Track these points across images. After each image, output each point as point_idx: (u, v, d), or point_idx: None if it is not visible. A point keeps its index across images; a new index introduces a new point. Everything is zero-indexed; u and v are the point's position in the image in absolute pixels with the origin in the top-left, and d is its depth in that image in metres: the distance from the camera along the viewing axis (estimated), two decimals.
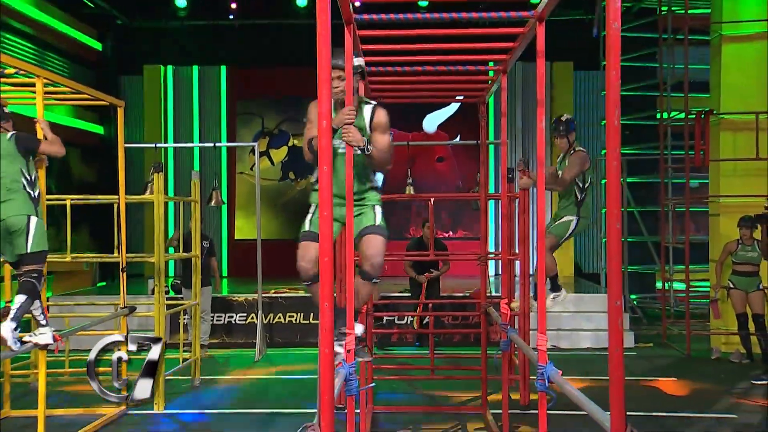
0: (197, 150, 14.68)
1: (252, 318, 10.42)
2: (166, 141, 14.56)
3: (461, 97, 7.70)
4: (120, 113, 7.10)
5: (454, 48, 5.21)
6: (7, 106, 6.79)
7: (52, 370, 7.20)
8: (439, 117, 14.62)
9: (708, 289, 9.97)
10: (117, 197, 7.11)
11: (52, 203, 7.30)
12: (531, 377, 6.81)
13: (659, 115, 11.73)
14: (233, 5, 14.00)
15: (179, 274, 9.91)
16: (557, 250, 6.51)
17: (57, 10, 12.89)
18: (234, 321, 10.58)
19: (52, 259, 5.64)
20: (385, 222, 4.19)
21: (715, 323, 9.87)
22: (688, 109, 10.18)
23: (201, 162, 14.68)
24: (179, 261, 9.90)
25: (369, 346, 6.63)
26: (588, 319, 10.51)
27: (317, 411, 2.69)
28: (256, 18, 14.19)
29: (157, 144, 11.40)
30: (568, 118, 6.45)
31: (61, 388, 7.66)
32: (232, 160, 14.92)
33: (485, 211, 7.22)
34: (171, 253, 9.04)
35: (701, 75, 11.11)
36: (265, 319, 10.30)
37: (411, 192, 9.23)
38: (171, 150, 14.73)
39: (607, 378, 2.48)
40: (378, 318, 10.12)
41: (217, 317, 10.44)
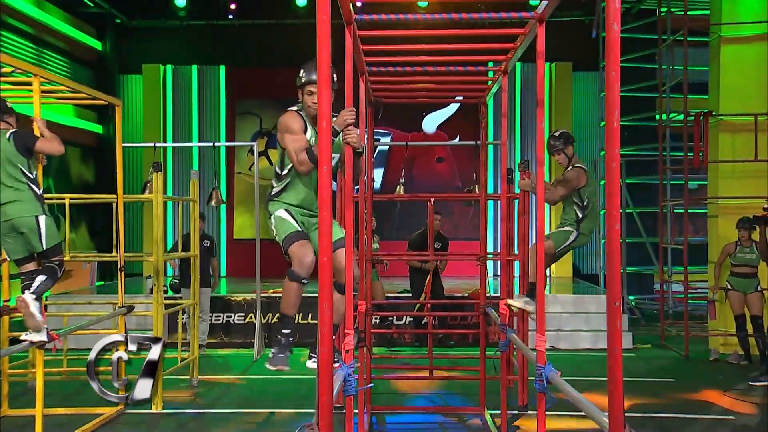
0: (196, 150, 14.68)
1: (250, 318, 10.41)
2: (165, 140, 14.54)
3: (461, 98, 7.70)
4: (118, 112, 7.09)
5: (454, 48, 5.21)
6: None
7: (50, 369, 7.23)
8: (439, 117, 14.62)
9: (706, 291, 9.97)
10: (115, 196, 7.11)
11: (50, 202, 7.31)
12: (529, 378, 6.81)
13: (658, 116, 11.76)
14: (233, 6, 14.00)
15: (177, 273, 9.89)
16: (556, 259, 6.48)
17: (56, 9, 12.89)
18: (232, 321, 10.57)
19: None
20: None
21: (714, 324, 9.88)
22: (687, 111, 10.18)
23: (200, 162, 14.67)
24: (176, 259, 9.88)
25: (368, 346, 6.63)
26: (587, 320, 10.51)
27: (316, 411, 2.69)
28: (255, 18, 14.19)
29: (156, 143, 11.37)
30: (562, 132, 6.35)
31: (59, 387, 7.65)
32: (230, 159, 14.91)
33: (484, 212, 7.21)
34: (170, 253, 9.03)
35: (700, 76, 11.12)
36: (264, 319, 10.29)
37: (401, 192, 9.24)
38: (170, 149, 14.73)
39: (606, 379, 2.47)
40: (384, 318, 10.16)
41: (216, 317, 10.43)
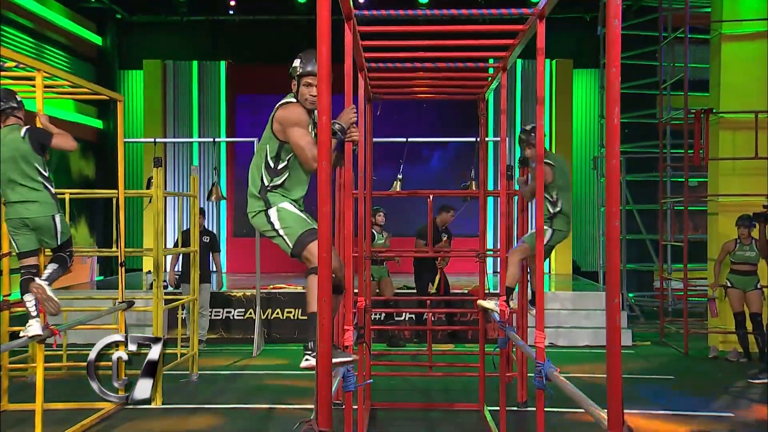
0: (196, 145, 14.68)
1: (250, 313, 10.42)
2: (165, 136, 14.55)
3: (460, 94, 7.68)
4: (120, 108, 7.10)
5: (454, 45, 5.21)
6: None
7: (49, 364, 7.24)
8: None
9: (706, 288, 9.98)
10: (116, 192, 7.11)
11: None
12: (529, 374, 6.82)
13: (659, 114, 11.74)
14: (232, 2, 13.98)
15: (177, 269, 9.89)
16: (550, 254, 6.48)
17: (57, 4, 12.89)
18: (232, 316, 10.58)
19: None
20: None
21: (713, 322, 9.88)
22: (687, 108, 10.17)
23: (200, 157, 14.68)
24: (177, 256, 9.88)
25: (368, 342, 6.64)
26: (586, 317, 10.51)
27: (315, 407, 2.69)
28: (255, 13, 14.19)
29: (157, 139, 11.39)
30: (533, 125, 6.34)
31: (59, 382, 7.66)
32: (231, 155, 14.92)
33: (484, 208, 7.21)
34: (170, 249, 9.04)
35: (701, 74, 11.11)
36: (263, 315, 10.30)
37: (398, 188, 9.24)
38: (170, 145, 14.73)
39: (605, 375, 2.48)
40: (390, 314, 10.17)
41: (216, 312, 10.44)
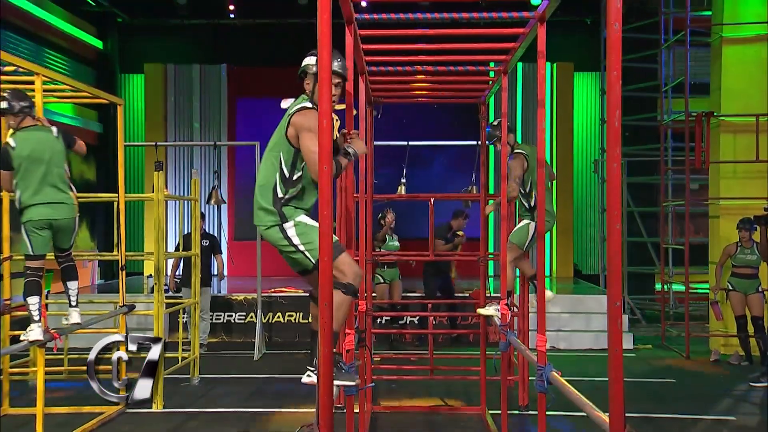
0: (197, 149, 14.67)
1: (251, 317, 10.41)
2: (166, 140, 14.54)
3: (461, 98, 7.68)
4: (120, 112, 7.10)
5: (455, 48, 5.21)
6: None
7: (50, 368, 7.24)
8: None
9: (707, 291, 9.97)
10: (117, 195, 7.11)
11: None
12: (530, 378, 6.81)
13: (659, 117, 11.74)
14: (230, 6, 13.97)
15: (178, 273, 9.89)
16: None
17: (58, 7, 12.88)
18: (233, 320, 10.58)
19: (51, 257, 5.65)
20: None
21: (715, 325, 9.87)
22: (688, 111, 10.18)
23: (201, 161, 14.67)
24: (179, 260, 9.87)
25: (369, 346, 6.63)
26: (587, 320, 10.50)
27: (316, 411, 2.68)
28: (256, 17, 14.18)
29: (158, 143, 11.38)
30: (499, 120, 6.29)
31: (60, 386, 7.66)
32: (232, 159, 14.91)
33: (485, 212, 7.20)
34: (171, 252, 9.03)
35: (702, 77, 11.11)
36: (264, 319, 10.30)
37: (403, 191, 9.26)
38: (171, 149, 14.72)
39: (606, 379, 2.47)
40: (396, 317, 10.16)
41: (217, 316, 10.43)
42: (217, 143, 11.14)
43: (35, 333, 5.35)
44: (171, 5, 13.86)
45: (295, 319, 10.52)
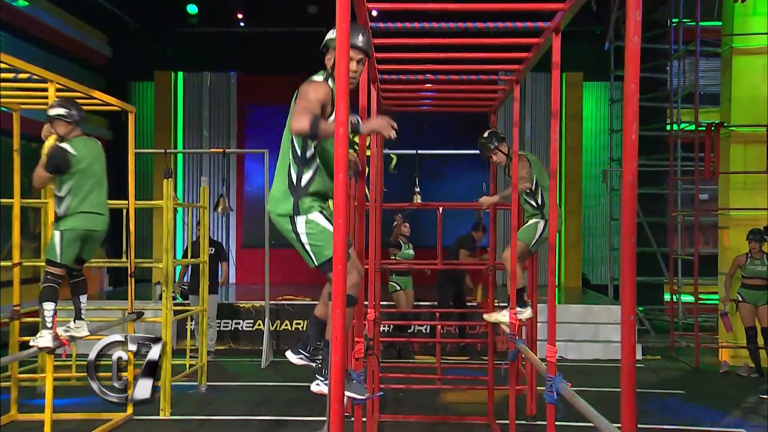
0: (207, 156, 14.71)
1: (259, 325, 10.40)
2: (175, 147, 14.58)
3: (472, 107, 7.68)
4: (131, 119, 7.12)
5: (466, 57, 5.19)
6: (18, 110, 6.84)
7: (59, 374, 7.23)
8: None
9: (717, 302, 9.91)
10: (126, 202, 7.12)
11: None
12: (539, 388, 6.77)
13: (669, 127, 11.72)
14: (239, 15, 14.01)
15: (186, 280, 9.89)
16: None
17: (68, 14, 12.94)
18: (241, 328, 10.57)
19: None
20: None
21: (724, 336, 9.81)
22: (698, 121, 10.15)
23: (210, 168, 14.70)
24: (186, 268, 9.88)
25: (377, 354, 6.61)
26: (595, 331, 10.45)
27: (327, 419, 2.67)
28: (266, 25, 14.22)
29: (167, 150, 11.41)
30: (489, 131, 6.24)
31: (68, 392, 7.65)
32: (241, 166, 14.94)
33: (494, 221, 7.19)
34: (179, 259, 9.03)
35: (712, 87, 11.09)
36: (272, 326, 10.28)
37: (419, 200, 9.23)
38: (180, 156, 14.76)
39: (615, 390, 2.45)
40: (405, 327, 10.12)
41: (224, 323, 10.42)
42: (227, 150, 11.17)
43: (45, 340, 5.35)
44: (181, 13, 13.92)
45: (303, 327, 10.49)
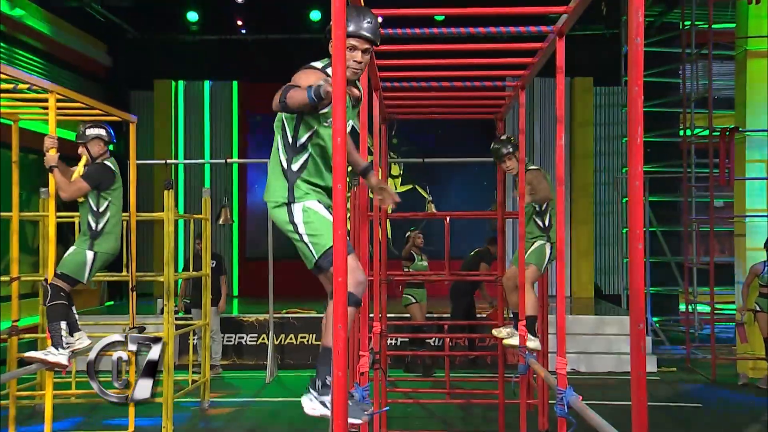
0: (208, 166, 14.54)
1: (263, 339, 10.24)
2: (176, 157, 14.44)
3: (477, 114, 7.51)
4: (132, 129, 6.95)
5: (471, 63, 5.05)
6: (19, 121, 6.69)
7: (58, 391, 7.06)
8: None
9: (734, 312, 9.70)
10: (127, 214, 6.95)
11: (61, 221, 7.21)
12: (550, 401, 6.57)
13: (682, 132, 11.54)
14: (239, 22, 13.90)
15: (188, 293, 9.73)
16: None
17: (67, 24, 12.82)
18: (245, 342, 10.40)
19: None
20: None
21: (742, 347, 9.59)
22: (712, 126, 9.97)
23: (212, 179, 14.54)
24: (187, 281, 9.73)
25: (383, 368, 6.41)
26: (608, 343, 10.24)
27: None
28: (267, 33, 14.09)
29: (168, 160, 11.25)
30: (508, 136, 5.97)
31: (68, 409, 7.50)
32: (243, 176, 14.78)
33: (502, 231, 7.04)
34: (181, 273, 8.89)
35: (726, 91, 10.91)
36: (277, 340, 10.12)
37: (432, 210, 9.02)
38: (181, 166, 14.61)
39: (629, 403, 2.31)
40: (421, 339, 9.86)
41: (228, 338, 10.26)
42: (228, 160, 11.00)
43: (62, 357, 5.21)
44: (181, 21, 13.80)
45: (308, 341, 10.31)
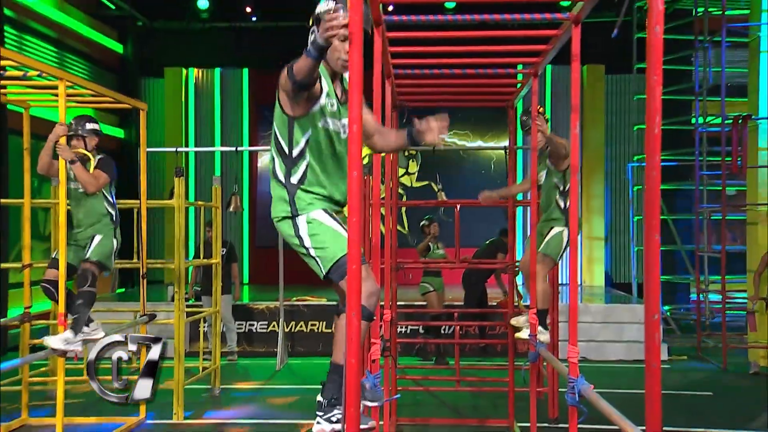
0: (219, 154, 14.56)
1: (273, 326, 10.27)
2: (187, 145, 14.46)
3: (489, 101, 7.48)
4: (143, 117, 6.97)
5: (483, 50, 5.02)
6: (30, 108, 6.73)
7: (70, 377, 7.13)
8: None
9: (745, 301, 9.67)
10: (138, 202, 6.99)
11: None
12: (560, 389, 6.59)
13: (694, 120, 11.46)
14: (248, 9, 13.86)
15: (198, 280, 9.77)
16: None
17: (78, 12, 12.84)
18: (255, 329, 10.44)
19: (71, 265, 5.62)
20: None
21: (753, 336, 9.57)
22: (724, 114, 9.91)
23: (222, 166, 14.56)
24: (198, 269, 9.77)
25: (393, 355, 6.44)
26: (619, 331, 10.23)
27: (342, 424, 2.54)
28: (278, 20, 14.05)
29: (179, 148, 11.27)
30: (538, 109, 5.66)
31: (79, 396, 7.56)
32: (254, 164, 14.79)
33: (513, 219, 7.04)
34: (192, 260, 8.92)
35: (739, 78, 10.83)
36: (287, 328, 10.15)
37: (443, 198, 9.01)
38: (192, 154, 14.64)
39: (640, 391, 2.33)
40: (436, 328, 9.87)
41: (238, 325, 10.31)
42: (239, 148, 11.00)
43: (78, 344, 5.35)
44: (192, 9, 13.79)
45: (318, 329, 10.34)
